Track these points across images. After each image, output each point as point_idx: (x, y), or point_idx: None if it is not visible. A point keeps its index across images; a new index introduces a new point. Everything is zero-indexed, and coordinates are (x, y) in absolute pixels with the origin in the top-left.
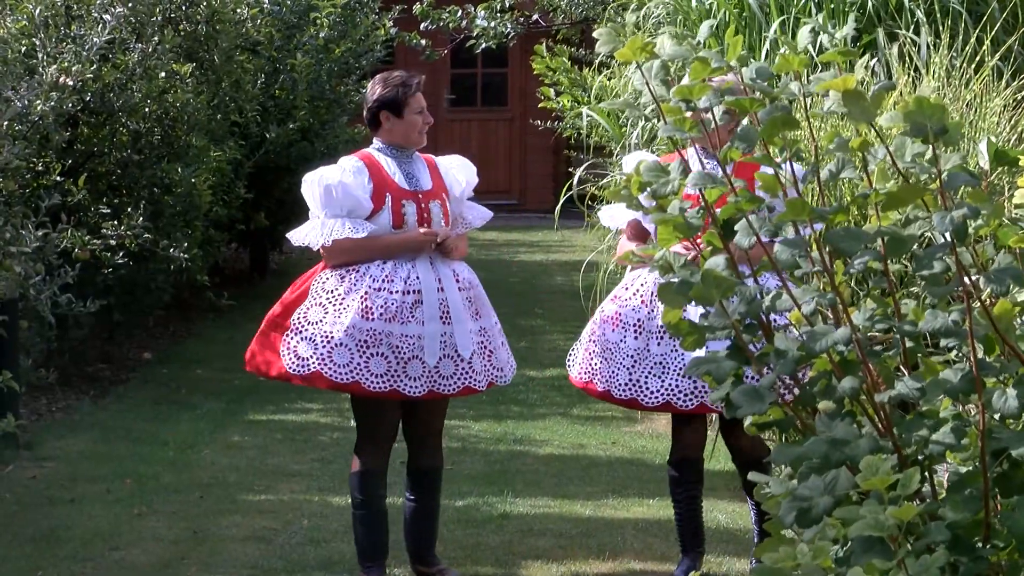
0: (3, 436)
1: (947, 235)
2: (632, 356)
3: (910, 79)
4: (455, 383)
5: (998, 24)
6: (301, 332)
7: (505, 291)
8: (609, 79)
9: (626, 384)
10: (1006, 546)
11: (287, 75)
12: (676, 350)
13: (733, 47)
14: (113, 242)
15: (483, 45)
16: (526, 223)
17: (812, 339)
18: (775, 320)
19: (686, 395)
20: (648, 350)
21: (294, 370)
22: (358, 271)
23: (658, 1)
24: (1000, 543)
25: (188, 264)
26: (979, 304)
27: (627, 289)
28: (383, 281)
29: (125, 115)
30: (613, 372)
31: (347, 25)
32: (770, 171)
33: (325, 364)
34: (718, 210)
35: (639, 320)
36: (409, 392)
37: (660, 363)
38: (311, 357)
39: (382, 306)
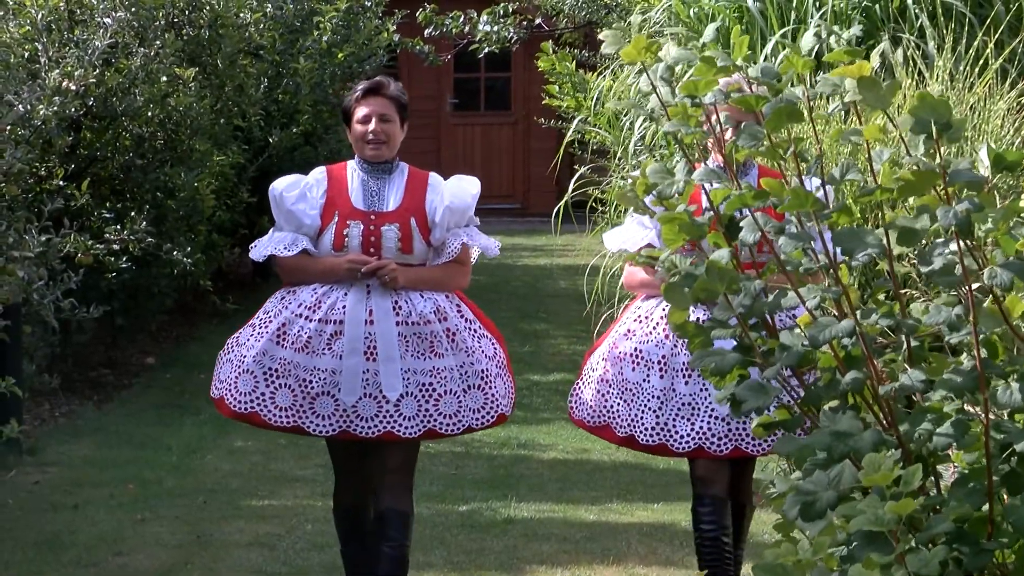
0: (6, 441)
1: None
2: (658, 397)
3: (914, 83)
4: (374, 426)
5: (1002, 27)
6: (227, 353)
7: (508, 295)
8: (613, 81)
9: (653, 428)
10: (1011, 543)
11: (290, 79)
12: (705, 388)
13: (738, 47)
14: (116, 246)
15: (486, 49)
16: (529, 227)
17: (816, 330)
18: (781, 321)
19: (719, 438)
20: (674, 390)
21: (212, 393)
22: (294, 293)
23: (660, 7)
24: (1005, 540)
25: (191, 268)
26: (988, 299)
27: (642, 322)
28: (309, 307)
29: (128, 119)
30: (637, 415)
31: (350, 29)
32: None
33: (229, 390)
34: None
35: (663, 357)
36: (315, 431)
37: (689, 404)
38: (224, 381)
39: (296, 333)
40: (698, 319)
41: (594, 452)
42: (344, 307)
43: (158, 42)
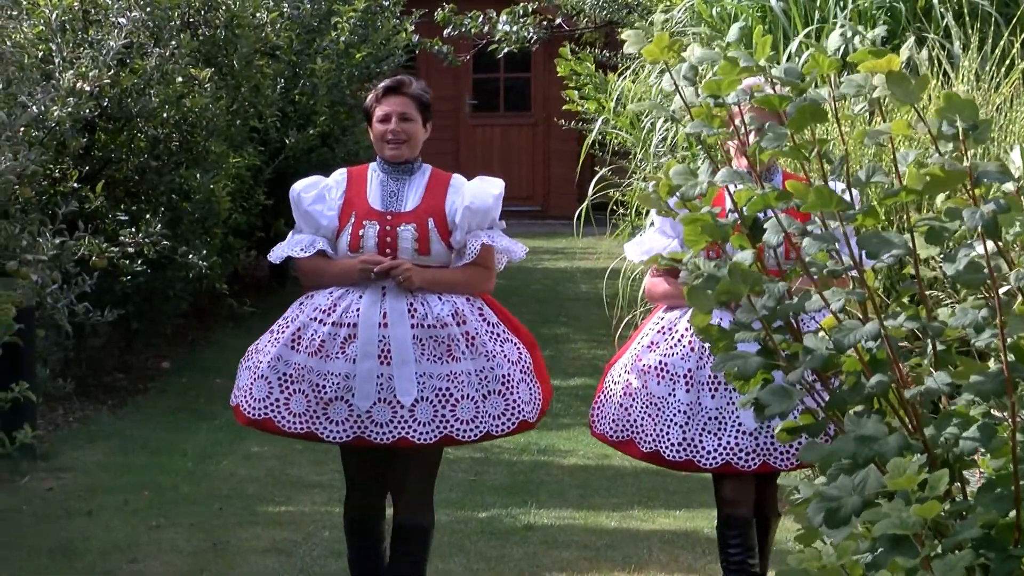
0: (20, 447)
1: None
2: (684, 412)
3: (939, 83)
4: (388, 432)
5: None
6: (247, 360)
7: (528, 299)
8: (633, 82)
9: (680, 444)
10: None
11: (307, 80)
12: (732, 403)
13: (761, 47)
14: (131, 249)
15: (505, 50)
16: (549, 230)
17: (841, 334)
18: (806, 325)
19: (747, 453)
20: (701, 404)
21: (231, 400)
22: (311, 297)
23: (682, 6)
24: None
25: (207, 272)
26: (1016, 301)
27: (665, 334)
28: (324, 311)
29: (143, 121)
30: (663, 430)
31: (368, 29)
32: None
33: (245, 397)
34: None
35: (689, 371)
36: (328, 437)
37: (715, 418)
38: (241, 388)
39: (310, 337)
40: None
41: (615, 458)
42: (358, 310)
43: (173, 42)
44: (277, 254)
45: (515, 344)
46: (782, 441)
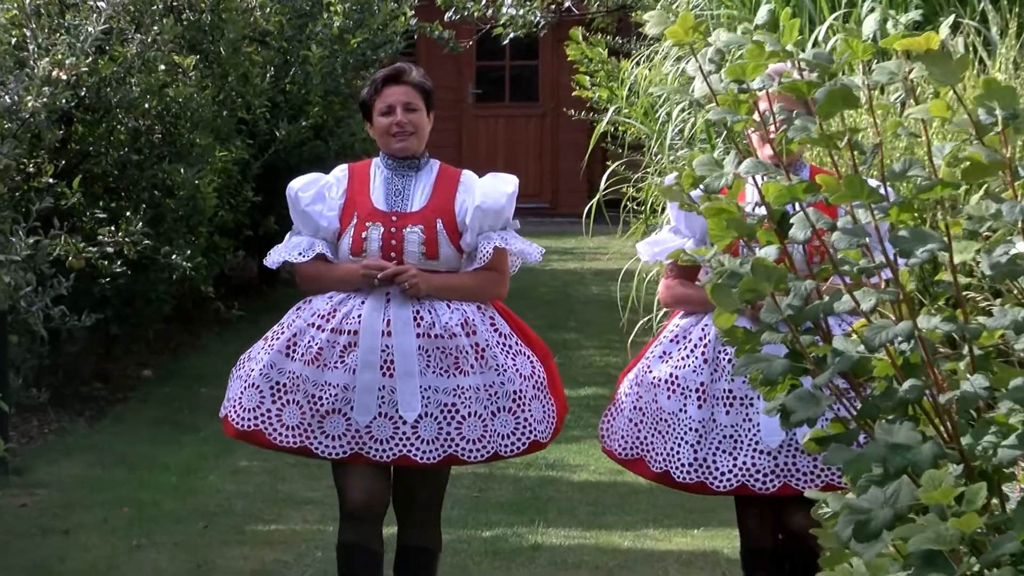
0: None
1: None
2: (696, 430)
3: (975, 71)
4: (388, 449)
5: None
6: (238, 369)
7: (535, 302)
8: (648, 69)
9: (691, 464)
10: None
11: (299, 68)
12: (749, 419)
13: (788, 30)
14: (110, 249)
15: (511, 35)
16: (558, 228)
17: (871, 333)
18: (840, 328)
19: (765, 475)
20: (715, 421)
21: (220, 412)
22: (309, 302)
23: None
24: None
25: (191, 273)
26: None
27: (679, 343)
28: (322, 316)
29: (123, 112)
30: (673, 449)
31: (363, 14)
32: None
33: (234, 407)
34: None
35: (701, 384)
36: (323, 452)
37: (731, 436)
38: (230, 399)
39: (306, 344)
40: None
41: (628, 473)
42: (359, 316)
43: (156, 27)
44: (274, 258)
45: (528, 357)
46: (811, 451)
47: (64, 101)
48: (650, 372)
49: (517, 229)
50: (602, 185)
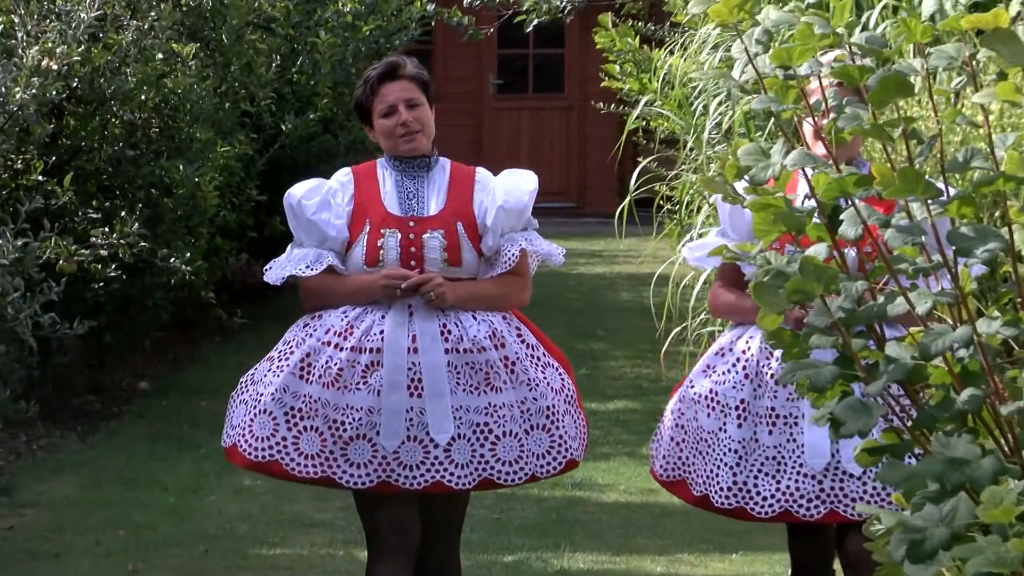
0: None
1: None
2: (736, 451)
3: None
4: (419, 476)
5: None
6: (241, 393)
7: (561, 310)
8: (683, 58)
9: (729, 488)
10: None
11: (307, 57)
12: (792, 440)
13: (839, 11)
14: (104, 252)
15: (535, 21)
16: (586, 230)
17: (928, 339)
18: (897, 331)
19: (810, 500)
20: (757, 440)
21: (223, 441)
22: (320, 318)
23: None
24: None
25: (191, 278)
26: None
27: (722, 355)
28: (339, 334)
29: (118, 104)
30: (712, 471)
31: None
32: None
33: (244, 436)
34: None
35: (742, 401)
36: (348, 482)
37: (773, 458)
38: (237, 426)
39: (324, 365)
40: None
41: (662, 493)
42: (382, 333)
43: (153, 13)
44: (277, 274)
45: (556, 369)
46: (862, 464)
47: (55, 93)
48: (692, 387)
49: (536, 228)
50: (633, 183)
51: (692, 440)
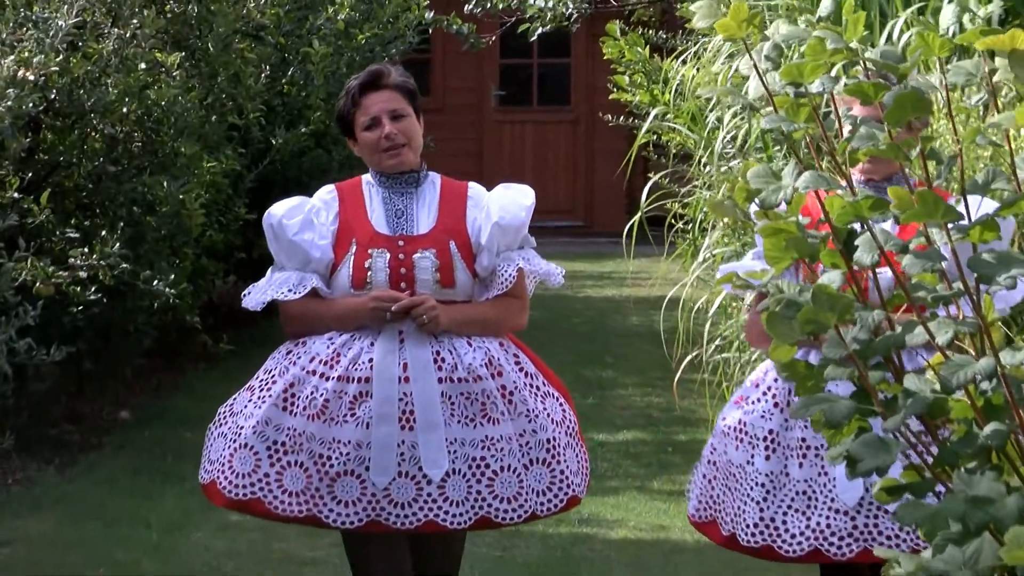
0: None
1: None
2: (763, 485)
3: None
4: (411, 514)
5: None
6: (219, 426)
7: (566, 335)
8: (696, 68)
9: (755, 525)
10: None
11: (298, 67)
12: (824, 473)
13: (853, 25)
14: (83, 274)
15: (539, 30)
16: (593, 250)
17: (948, 371)
18: (917, 362)
19: (841, 538)
20: (787, 474)
21: (200, 478)
22: (304, 345)
23: None
24: None
25: (175, 301)
26: None
27: (757, 386)
28: (324, 362)
29: (98, 116)
30: (740, 508)
31: (372, 5)
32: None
33: (223, 472)
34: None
35: (771, 432)
36: (335, 522)
37: (804, 492)
38: (215, 461)
39: (308, 396)
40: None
41: (673, 530)
42: (370, 360)
43: (135, 21)
44: (257, 298)
45: (556, 399)
46: (881, 503)
47: (31, 105)
48: (724, 420)
49: (533, 246)
50: (643, 200)
51: (723, 476)
